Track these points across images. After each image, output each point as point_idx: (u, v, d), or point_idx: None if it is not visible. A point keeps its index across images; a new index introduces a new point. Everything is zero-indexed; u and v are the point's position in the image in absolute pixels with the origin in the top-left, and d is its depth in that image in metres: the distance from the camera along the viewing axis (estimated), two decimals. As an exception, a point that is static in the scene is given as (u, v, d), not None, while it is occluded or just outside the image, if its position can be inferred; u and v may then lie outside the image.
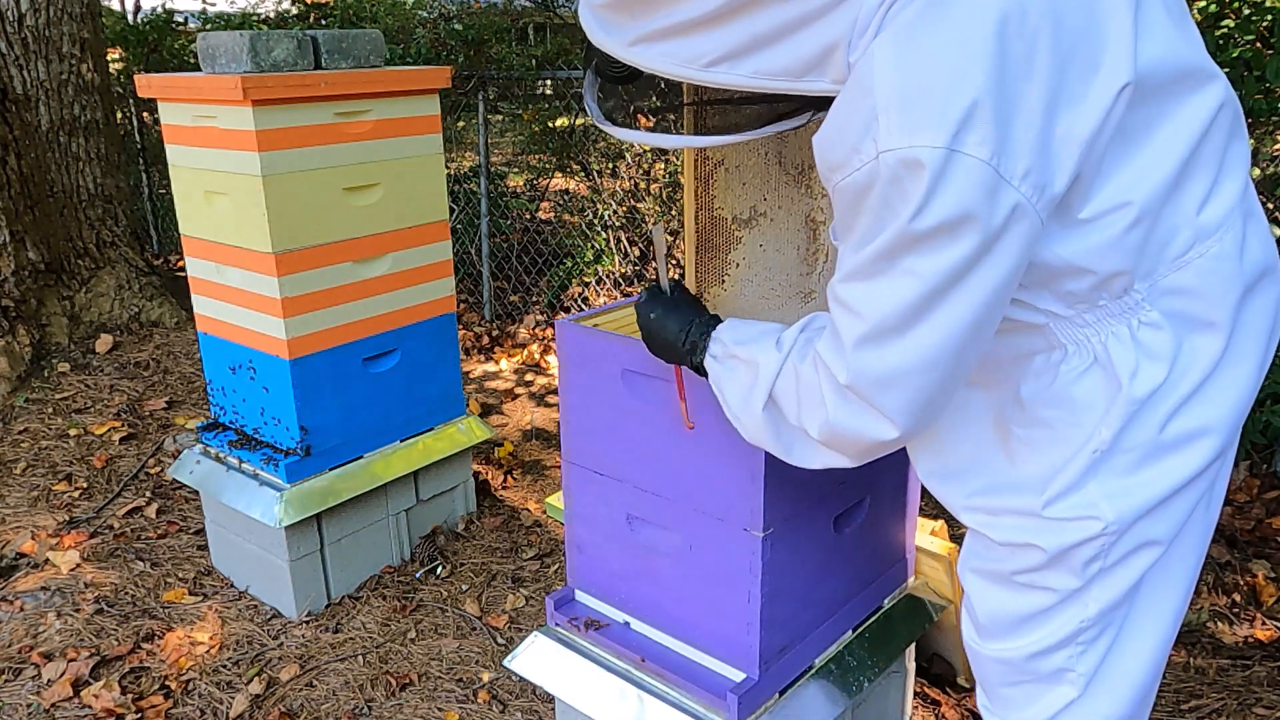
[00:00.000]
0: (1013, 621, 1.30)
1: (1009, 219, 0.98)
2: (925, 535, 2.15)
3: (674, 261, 1.52)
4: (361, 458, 2.76)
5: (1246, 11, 3.08)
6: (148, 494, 3.40)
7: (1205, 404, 1.17)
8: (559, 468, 3.10)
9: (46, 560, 2.97)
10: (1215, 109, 1.11)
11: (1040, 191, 1.00)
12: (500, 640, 2.60)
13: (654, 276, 4.89)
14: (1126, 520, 1.18)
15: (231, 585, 2.86)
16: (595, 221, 5.07)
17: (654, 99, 1.47)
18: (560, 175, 5.77)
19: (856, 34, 1.02)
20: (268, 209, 2.40)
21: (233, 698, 2.38)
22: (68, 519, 3.22)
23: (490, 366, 4.70)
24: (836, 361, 1.11)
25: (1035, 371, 1.19)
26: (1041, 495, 1.20)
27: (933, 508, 2.98)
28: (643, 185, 4.98)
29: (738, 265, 1.51)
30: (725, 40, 1.06)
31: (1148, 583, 1.26)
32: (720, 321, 1.39)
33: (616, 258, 4.97)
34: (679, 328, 1.39)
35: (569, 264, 5.19)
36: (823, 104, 1.15)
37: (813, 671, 1.79)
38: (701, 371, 1.37)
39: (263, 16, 7.49)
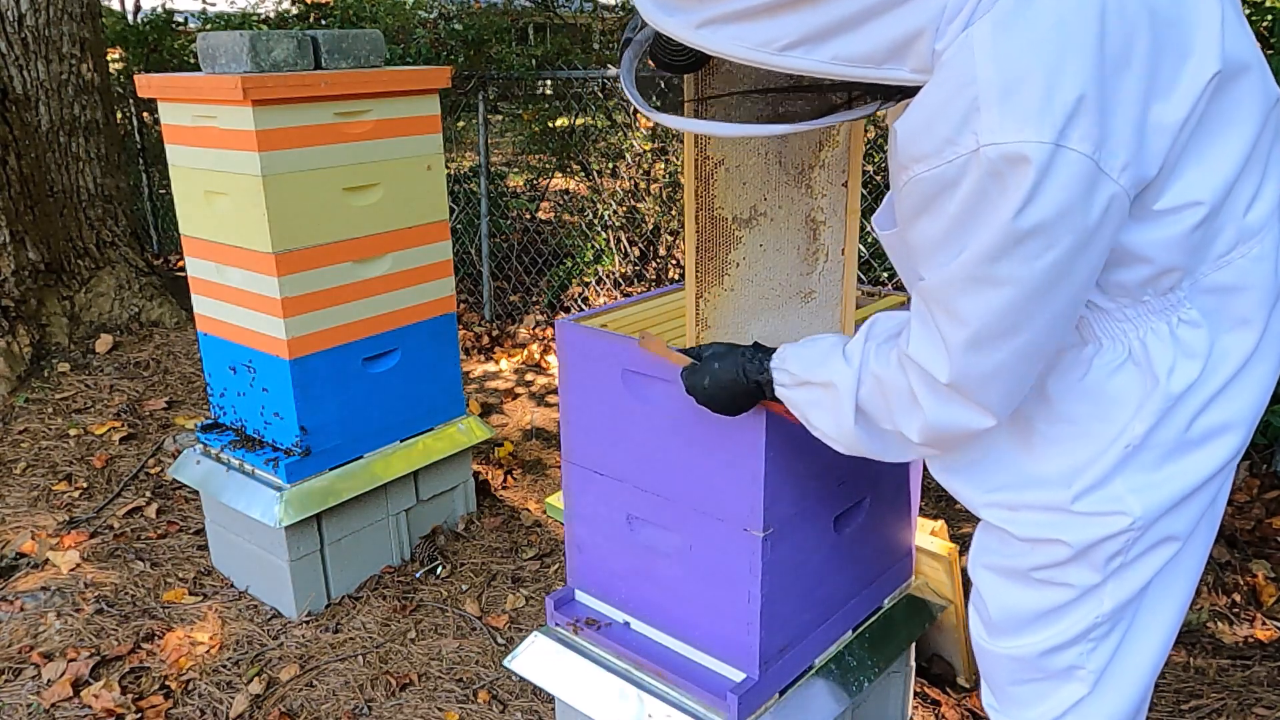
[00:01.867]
0: (1027, 618, 1.29)
1: (1106, 212, 0.97)
2: (925, 535, 2.15)
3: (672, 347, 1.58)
4: (361, 458, 2.76)
5: (1246, 11, 3.08)
6: (148, 494, 3.40)
7: (1231, 400, 1.17)
8: (559, 468, 3.10)
9: (46, 560, 2.97)
10: (1271, 106, 1.10)
11: (1137, 183, 0.99)
12: (500, 640, 2.60)
13: (654, 278, 4.89)
14: (1152, 516, 1.18)
15: (231, 585, 2.86)
16: (595, 221, 5.07)
17: (711, 85, 1.42)
18: (560, 175, 5.78)
19: (945, 21, 0.99)
20: (268, 209, 2.40)
21: (233, 698, 2.38)
22: (68, 519, 3.22)
23: (490, 366, 4.70)
24: (937, 361, 1.10)
25: (1065, 366, 1.18)
26: (1069, 489, 1.20)
27: (933, 507, 2.98)
28: (643, 185, 4.98)
29: (737, 265, 1.51)
30: (804, 24, 1.02)
31: (1158, 579, 1.25)
32: (763, 348, 1.38)
33: (616, 258, 4.97)
34: (733, 374, 1.38)
35: (569, 264, 5.20)
36: (892, 94, 1.12)
37: (813, 671, 1.79)
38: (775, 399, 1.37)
39: (263, 16, 7.49)
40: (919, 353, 1.12)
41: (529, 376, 4.55)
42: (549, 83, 5.56)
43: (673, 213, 4.84)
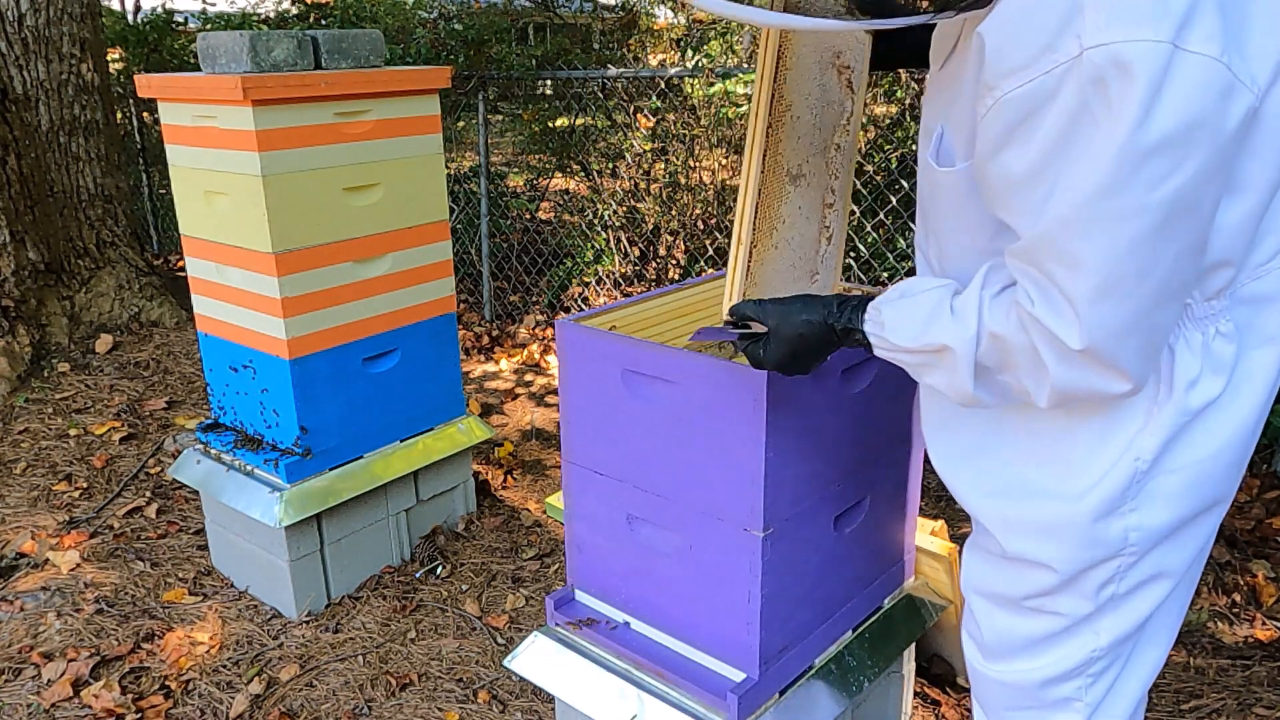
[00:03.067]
0: (1020, 644, 1.26)
1: (1241, 124, 0.87)
2: (925, 535, 2.15)
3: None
4: (361, 458, 2.76)
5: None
6: (148, 494, 3.40)
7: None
8: (559, 468, 3.10)
9: (46, 560, 2.97)
10: None
11: (1262, 101, 0.88)
12: (500, 640, 2.60)
13: (654, 278, 4.89)
14: (1146, 544, 1.13)
15: (231, 585, 2.86)
16: (595, 221, 5.07)
17: None
18: (560, 175, 5.78)
19: None
20: (268, 209, 2.40)
21: (233, 698, 2.38)
22: (68, 519, 3.22)
23: (490, 366, 4.70)
24: (1065, 325, 0.96)
25: None
26: (1079, 503, 1.12)
27: (933, 507, 2.97)
28: (642, 185, 4.98)
29: (784, 222, 1.47)
30: None
31: (1154, 618, 1.22)
32: (847, 300, 1.21)
33: (616, 258, 4.97)
34: (818, 330, 1.22)
35: (569, 264, 5.20)
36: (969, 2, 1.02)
37: (813, 671, 1.79)
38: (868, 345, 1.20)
39: (263, 16, 7.49)
40: (1045, 315, 0.97)
41: (529, 376, 4.55)
42: (549, 83, 5.56)
43: (672, 212, 4.84)
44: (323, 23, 6.37)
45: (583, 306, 5.08)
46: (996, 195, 1.00)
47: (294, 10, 6.82)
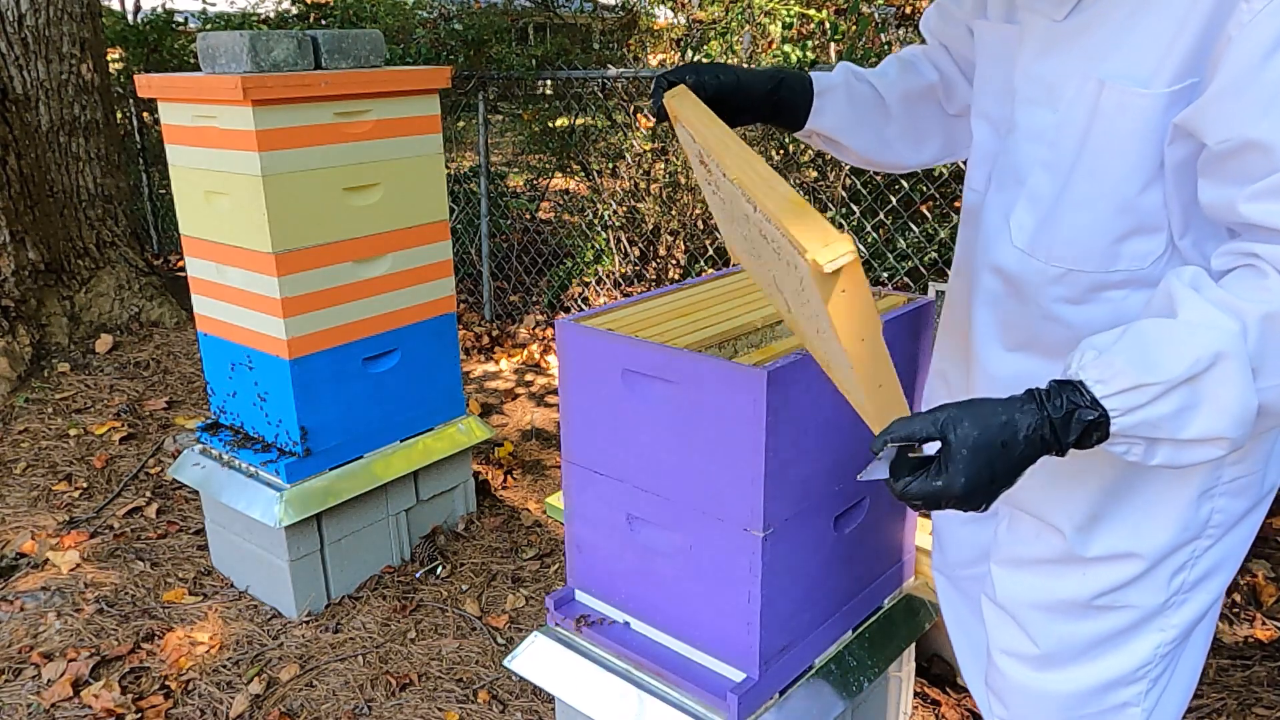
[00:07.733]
0: (1085, 646, 1.22)
1: None
2: (925, 535, 2.14)
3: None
4: (361, 458, 2.76)
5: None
6: (148, 494, 3.40)
7: None
8: (559, 468, 3.10)
9: (46, 560, 2.97)
10: None
11: None
12: (500, 640, 2.60)
13: (654, 278, 4.88)
14: (1222, 529, 1.12)
15: (231, 585, 2.86)
16: (595, 221, 5.07)
17: None
18: (560, 175, 5.78)
19: None
20: (268, 209, 2.40)
21: (233, 698, 2.38)
22: (68, 519, 3.22)
23: (490, 366, 4.70)
24: None
25: None
26: (1187, 481, 1.09)
27: (933, 508, 2.97)
28: (643, 185, 4.98)
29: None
30: None
31: (1205, 618, 1.21)
32: (1049, 386, 0.96)
33: (616, 258, 4.97)
34: (1036, 418, 0.93)
35: (569, 264, 5.20)
36: None
37: (813, 671, 1.79)
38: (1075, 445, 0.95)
39: (263, 16, 7.49)
40: None
41: (529, 376, 4.55)
42: (549, 83, 5.57)
43: (672, 212, 4.84)
44: (323, 23, 6.37)
45: (583, 306, 5.08)
46: (1255, 110, 0.91)
47: (294, 10, 6.81)
